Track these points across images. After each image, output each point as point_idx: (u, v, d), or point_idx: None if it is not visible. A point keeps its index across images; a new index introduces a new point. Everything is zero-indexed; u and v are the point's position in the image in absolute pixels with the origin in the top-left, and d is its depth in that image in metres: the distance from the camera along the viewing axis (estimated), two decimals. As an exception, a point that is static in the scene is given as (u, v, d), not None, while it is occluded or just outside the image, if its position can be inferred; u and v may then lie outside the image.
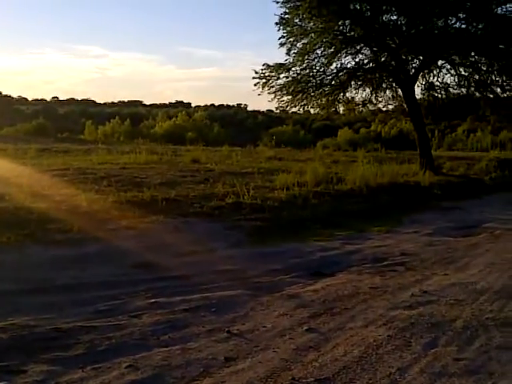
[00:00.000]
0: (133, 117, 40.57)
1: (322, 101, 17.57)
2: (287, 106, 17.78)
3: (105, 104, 64.47)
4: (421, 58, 17.17)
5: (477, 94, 17.50)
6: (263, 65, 17.22)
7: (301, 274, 7.08)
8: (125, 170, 14.23)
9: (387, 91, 18.30)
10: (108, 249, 7.66)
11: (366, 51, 17.18)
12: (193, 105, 68.86)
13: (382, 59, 17.26)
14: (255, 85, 17.33)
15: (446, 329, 5.18)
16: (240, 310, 5.69)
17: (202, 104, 67.32)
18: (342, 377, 4.20)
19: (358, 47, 16.91)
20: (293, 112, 22.61)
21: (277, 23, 16.95)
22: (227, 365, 4.38)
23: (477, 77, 17.21)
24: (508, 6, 16.20)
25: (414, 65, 17.56)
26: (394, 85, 18.02)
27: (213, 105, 67.20)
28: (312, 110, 19.67)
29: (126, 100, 74.52)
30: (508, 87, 16.86)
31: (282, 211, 10.46)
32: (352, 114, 20.92)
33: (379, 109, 21.68)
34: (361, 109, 19.22)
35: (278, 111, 20.55)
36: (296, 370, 4.29)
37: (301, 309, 5.74)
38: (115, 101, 73.74)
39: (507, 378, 4.21)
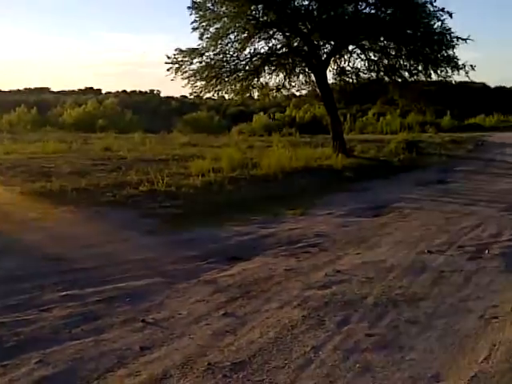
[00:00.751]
0: (40, 104, 39.18)
1: (236, 86, 17.58)
2: (201, 92, 17.67)
3: (9, 91, 61.61)
4: (332, 43, 17.47)
5: (386, 78, 17.97)
6: (176, 50, 17.00)
7: (217, 259, 7.10)
8: (32, 159, 13.81)
9: (300, 76, 18.51)
10: (15, 242, 7.43)
11: (279, 36, 17.30)
12: (103, 91, 67.16)
13: (295, 44, 17.42)
14: (168, 70, 17.14)
15: (358, 306, 5.36)
16: (155, 299, 5.63)
17: (114, 90, 65.75)
18: (258, 359, 4.27)
19: (271, 32, 16.98)
20: (207, 98, 22.48)
21: (189, 7, 16.82)
22: (142, 354, 4.35)
23: (386, 61, 17.68)
24: (415, -9, 16.74)
25: (325, 50, 17.87)
26: (306, 70, 18.25)
27: (124, 91, 65.78)
28: (226, 96, 19.65)
29: (32, 87, 71.48)
30: (415, 71, 17.39)
31: (197, 198, 10.47)
32: (267, 99, 21.04)
33: (293, 94, 21.97)
34: (275, 94, 19.32)
35: (192, 97, 20.40)
36: (212, 355, 4.32)
37: (217, 294, 5.77)
38: (21, 88, 70.56)
39: (416, 351, 4.41)
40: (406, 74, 17.56)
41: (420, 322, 4.97)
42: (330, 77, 18.56)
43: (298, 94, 21.39)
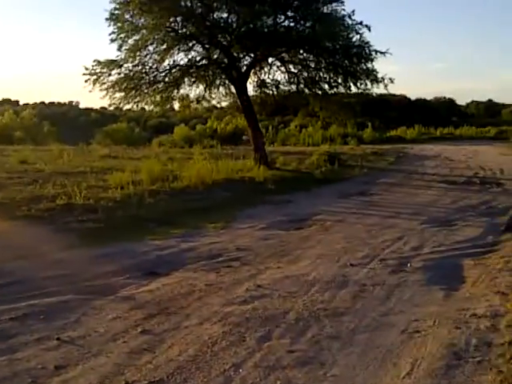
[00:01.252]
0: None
1: (155, 98, 17.27)
2: (120, 103, 17.25)
3: None
4: (252, 55, 17.46)
5: (306, 90, 18.09)
6: (94, 61, 16.55)
7: (135, 274, 6.84)
8: None
9: (220, 88, 18.41)
10: None
11: (199, 48, 17.13)
12: (21, 102, 64.86)
13: (215, 56, 17.30)
14: (86, 81, 16.64)
15: (280, 321, 5.24)
16: (71, 316, 5.39)
17: (31, 102, 63.62)
18: (177, 377, 4.12)
19: (191, 44, 16.79)
20: (128, 109, 22.01)
21: (107, 19, 16.42)
22: (57, 373, 4.16)
23: (306, 74, 17.81)
24: (334, 4, 16.95)
25: (245, 62, 17.83)
26: (226, 82, 18.16)
27: (42, 102, 63.82)
28: (146, 107, 19.29)
29: None
30: (335, 84, 17.56)
31: (116, 211, 10.12)
32: (187, 110, 20.82)
33: (215, 106, 21.81)
34: (195, 106, 19.12)
35: (111, 108, 19.89)
36: (129, 374, 4.15)
37: (135, 310, 5.55)
38: None
39: (338, 366, 4.31)
40: (326, 86, 17.74)
41: (342, 338, 4.88)
42: (251, 89, 18.59)
43: (219, 105, 21.29)
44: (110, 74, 16.62)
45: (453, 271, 7.01)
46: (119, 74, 16.58)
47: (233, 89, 18.15)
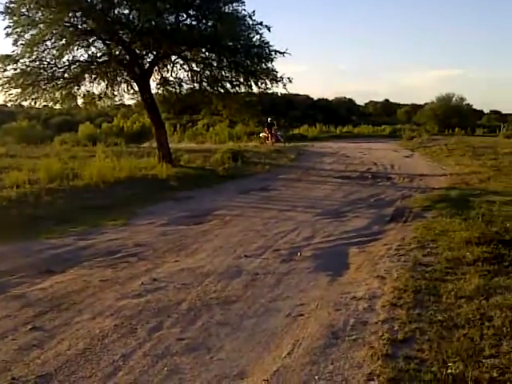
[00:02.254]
0: None
1: (55, 94, 16.86)
2: (16, 100, 16.71)
3: None
4: (154, 53, 17.40)
5: (209, 88, 18.23)
6: (-13, 56, 15.96)
7: (29, 273, 6.80)
8: None
9: (123, 85, 18.21)
10: None
11: (99, 44, 16.80)
12: None
13: (116, 53, 17.07)
14: (-21, 77, 16.00)
15: (172, 312, 5.42)
16: (-42, 316, 5.32)
17: None
18: (65, 370, 4.22)
19: (91, 40, 16.46)
20: (30, 106, 21.31)
21: (1, 12, 15.87)
22: None
23: (208, 72, 17.93)
24: (234, 4, 17.18)
25: (148, 59, 17.72)
26: (129, 79, 18.01)
27: None
28: (47, 104, 18.76)
29: None
30: (237, 83, 17.80)
31: (10, 210, 9.95)
32: (92, 108, 20.38)
33: (122, 103, 21.49)
34: (97, 103, 18.80)
35: (10, 105, 19.20)
36: (17, 370, 4.21)
37: (26, 308, 5.55)
38: None
39: (224, 351, 4.56)
40: (228, 85, 17.94)
41: (230, 324, 5.13)
42: (154, 86, 18.52)
43: (126, 103, 21.02)
44: (5, 70, 16.03)
45: (339, 259, 7.45)
46: (15, 69, 16.02)
47: (136, 86, 18.01)
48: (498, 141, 29.14)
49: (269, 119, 30.21)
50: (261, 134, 29.94)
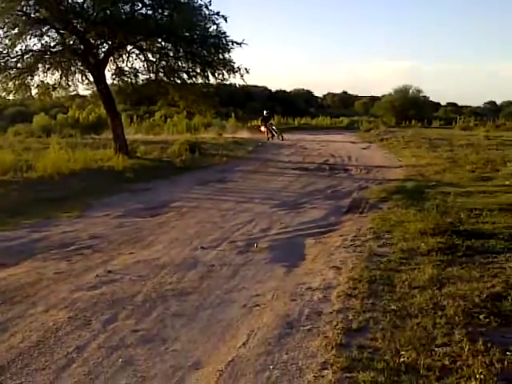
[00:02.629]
0: None
1: (8, 84, 16.49)
2: (-34, 90, 16.33)
3: None
4: (109, 42, 17.13)
5: (165, 79, 18.07)
6: None
7: (-20, 266, 6.66)
8: None
9: (77, 75, 17.89)
10: None
11: (53, 33, 16.45)
12: None
13: (71, 42, 16.76)
14: None
15: (127, 304, 5.39)
16: None
17: None
18: (18, 363, 4.17)
19: (44, 29, 16.12)
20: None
21: (-47, 1, 15.39)
22: None
23: (164, 63, 17.73)
24: (191, -6, 17.05)
25: (103, 49, 17.43)
26: (83, 69, 17.69)
27: None
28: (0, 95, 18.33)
29: None
30: (193, 73, 17.67)
31: (-39, 202, 9.72)
32: (46, 98, 19.95)
33: (77, 94, 21.09)
34: (52, 93, 18.44)
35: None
36: (-32, 364, 4.12)
37: (-24, 302, 5.44)
38: None
39: (180, 342, 4.55)
40: (185, 75, 17.79)
41: (186, 315, 5.13)
42: (109, 77, 18.26)
43: (82, 94, 20.64)
44: (-46, 59, 15.63)
45: (295, 250, 7.50)
46: (-35, 58, 15.64)
47: (91, 76, 17.72)
48: (454, 133, 29.76)
49: (265, 112, 29.60)
50: (261, 128, 29.44)
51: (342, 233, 8.33)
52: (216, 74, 17.50)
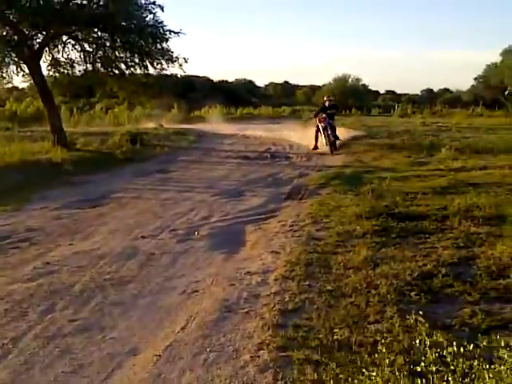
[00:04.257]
0: None
1: None
2: None
3: None
4: (44, 33, 16.75)
5: (103, 69, 17.80)
6: None
7: None
8: None
9: (12, 67, 17.41)
10: None
11: (-16, 24, 16.05)
12: None
13: (4, 33, 16.33)
14: None
15: (65, 294, 5.37)
16: None
17: None
18: None
19: (-25, 19, 15.70)
20: None
21: None
22: None
23: (101, 53, 17.46)
24: (129, -17, 16.82)
25: (38, 40, 17.01)
26: (17, 60, 17.24)
27: None
28: None
29: None
30: (132, 63, 17.44)
31: None
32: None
33: (14, 87, 20.51)
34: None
35: None
36: None
37: None
38: None
39: (117, 330, 4.59)
40: (123, 65, 17.50)
41: (125, 303, 5.15)
42: (45, 68, 17.84)
43: (20, 87, 20.10)
44: None
45: (235, 237, 7.60)
46: None
47: (26, 68, 17.28)
48: (392, 120, 30.38)
49: (327, 102, 18.80)
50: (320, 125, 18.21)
51: (282, 219, 8.46)
52: (155, 64, 17.35)
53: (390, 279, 5.36)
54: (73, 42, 17.38)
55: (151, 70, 17.68)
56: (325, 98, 19.44)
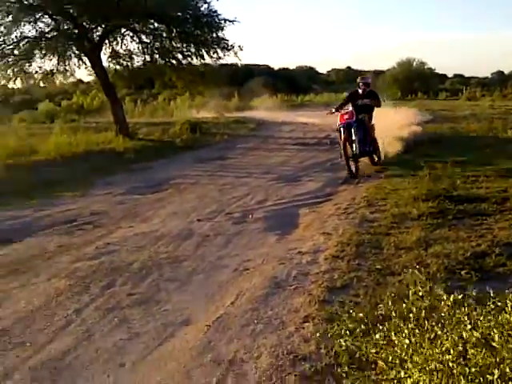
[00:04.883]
0: None
1: (7, 72, 16.68)
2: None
3: None
4: (103, 26, 17.25)
5: (160, 60, 18.18)
6: None
7: (-13, 243, 6.96)
8: None
9: (74, 60, 17.94)
10: None
11: (47, 19, 16.60)
12: None
13: (65, 27, 16.88)
14: None
15: (124, 271, 5.67)
16: None
17: None
18: (21, 325, 4.46)
19: (38, 15, 16.24)
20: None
21: None
22: None
23: (158, 44, 17.84)
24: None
25: (97, 33, 17.55)
26: (79, 53, 17.78)
27: None
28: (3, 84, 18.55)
29: None
30: (188, 53, 17.78)
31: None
32: (48, 85, 20.11)
33: (80, 80, 21.13)
34: (54, 79, 18.53)
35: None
36: (-28, 329, 4.39)
37: (-17, 275, 5.73)
38: None
39: (171, 303, 4.83)
40: (180, 56, 17.95)
41: (179, 280, 5.40)
42: (105, 60, 18.38)
43: (85, 80, 20.73)
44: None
45: (289, 219, 7.74)
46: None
47: (87, 61, 17.84)
48: (459, 104, 29.71)
49: (361, 85, 11.57)
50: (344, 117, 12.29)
51: (336, 202, 8.55)
52: (211, 53, 17.63)
53: (441, 258, 5.35)
54: (131, 34, 17.85)
55: (207, 59, 17.94)
56: (358, 80, 11.87)
